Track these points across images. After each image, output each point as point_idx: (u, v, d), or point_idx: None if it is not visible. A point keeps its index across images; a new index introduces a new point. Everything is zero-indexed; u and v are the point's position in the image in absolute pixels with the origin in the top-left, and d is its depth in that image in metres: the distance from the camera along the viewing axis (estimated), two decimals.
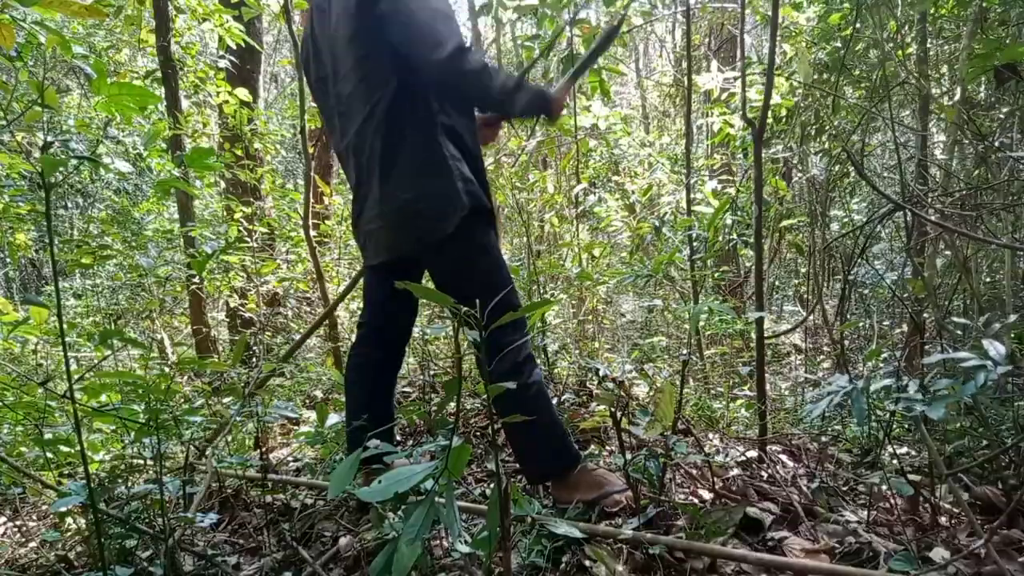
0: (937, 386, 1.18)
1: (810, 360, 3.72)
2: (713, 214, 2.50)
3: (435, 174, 1.67)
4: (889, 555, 1.34)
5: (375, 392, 1.95)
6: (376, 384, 1.96)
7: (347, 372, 1.96)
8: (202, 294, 4.10)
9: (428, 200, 1.67)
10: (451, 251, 1.70)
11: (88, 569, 1.65)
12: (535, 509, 1.55)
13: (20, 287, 8.61)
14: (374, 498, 0.98)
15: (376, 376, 1.96)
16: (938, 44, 3.64)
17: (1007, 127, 2.54)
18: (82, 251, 3.50)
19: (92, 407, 1.56)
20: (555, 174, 5.32)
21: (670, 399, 1.74)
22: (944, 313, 2.36)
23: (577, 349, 3.73)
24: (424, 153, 1.68)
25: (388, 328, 1.96)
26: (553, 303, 2.61)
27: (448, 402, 2.25)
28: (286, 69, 11.38)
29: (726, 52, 6.46)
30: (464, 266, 1.73)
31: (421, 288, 0.99)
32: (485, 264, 1.73)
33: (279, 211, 4.93)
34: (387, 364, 1.98)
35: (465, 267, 1.73)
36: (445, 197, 1.66)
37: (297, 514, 1.85)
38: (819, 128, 3.74)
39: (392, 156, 1.69)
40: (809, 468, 1.95)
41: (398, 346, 1.99)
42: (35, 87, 1.23)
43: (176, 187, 1.82)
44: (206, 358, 2.09)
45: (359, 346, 1.97)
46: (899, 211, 2.01)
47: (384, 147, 1.69)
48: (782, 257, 5.60)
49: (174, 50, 3.95)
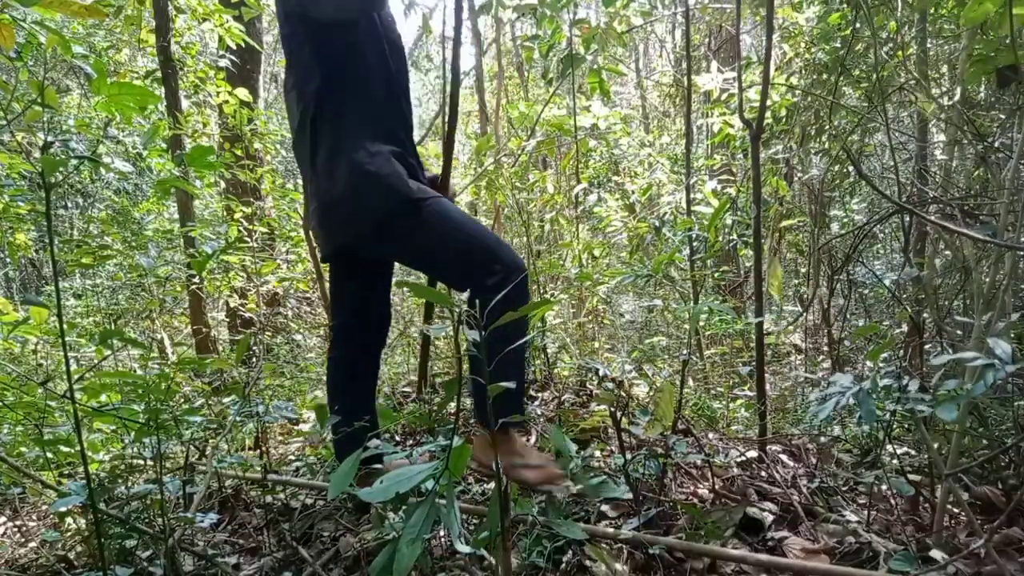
0: (944, 386, 1.18)
1: (810, 360, 3.72)
2: (713, 214, 2.50)
3: (353, 168, 1.65)
4: (889, 555, 1.34)
5: (356, 394, 1.91)
6: (355, 386, 1.91)
7: (327, 377, 1.93)
8: (202, 294, 4.09)
9: (352, 196, 1.67)
10: (389, 236, 1.68)
11: (88, 569, 1.65)
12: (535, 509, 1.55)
13: (20, 287, 8.61)
14: (375, 499, 0.98)
15: (354, 376, 1.91)
16: (938, 44, 3.64)
17: (1007, 127, 2.54)
18: (82, 251, 3.50)
19: (92, 407, 1.56)
20: (555, 174, 5.33)
21: (670, 399, 1.75)
22: (944, 313, 2.36)
23: (577, 349, 3.73)
24: (345, 145, 1.67)
25: (361, 324, 1.90)
26: (553, 303, 2.62)
27: (448, 402, 2.25)
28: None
29: (726, 52, 6.46)
30: (411, 246, 1.71)
31: (420, 288, 0.99)
32: (434, 237, 1.67)
33: (279, 211, 4.93)
34: (364, 363, 1.92)
35: (413, 246, 1.71)
36: (365, 194, 1.65)
37: (297, 514, 1.85)
38: (819, 128, 3.74)
39: (316, 150, 1.71)
40: (809, 468, 1.95)
41: (374, 342, 1.93)
42: (35, 87, 1.23)
43: (176, 187, 1.82)
44: (206, 358, 2.08)
45: (333, 349, 1.93)
46: (899, 213, 2.01)
47: (311, 143, 1.72)
48: (782, 257, 5.59)
49: (174, 50, 3.95)
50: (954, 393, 1.15)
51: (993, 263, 1.66)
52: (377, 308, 1.92)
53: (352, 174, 1.65)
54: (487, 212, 5.77)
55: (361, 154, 1.65)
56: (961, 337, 2.19)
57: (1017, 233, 1.39)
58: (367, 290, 1.89)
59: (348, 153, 1.66)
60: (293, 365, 4.25)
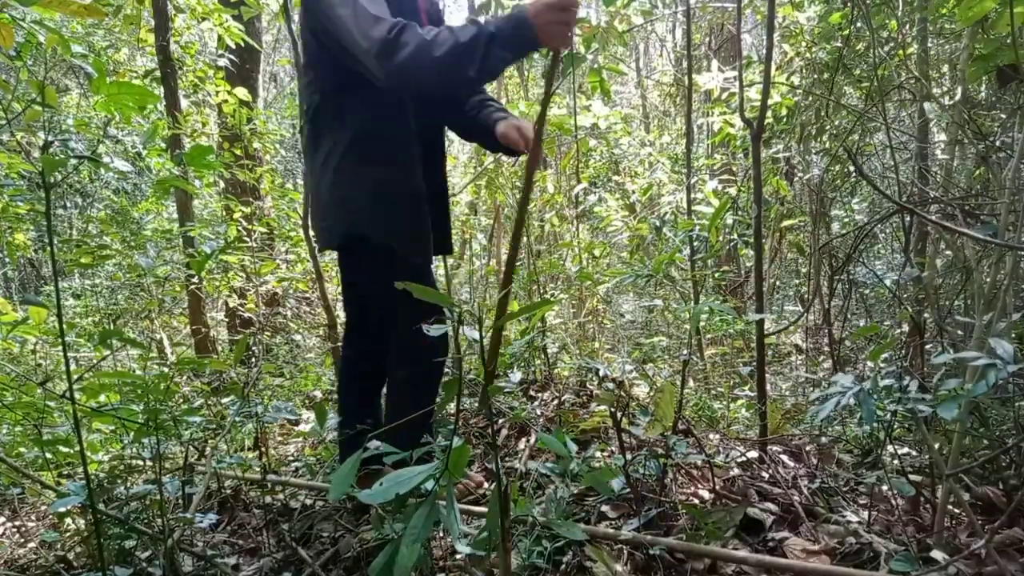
0: (945, 386, 1.18)
1: (811, 360, 3.72)
2: (713, 214, 2.49)
3: (335, 183, 1.65)
4: (890, 556, 1.33)
5: (355, 394, 1.91)
6: (355, 387, 1.92)
7: (338, 376, 1.93)
8: (201, 294, 4.09)
9: (332, 207, 1.68)
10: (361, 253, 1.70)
11: (87, 569, 1.64)
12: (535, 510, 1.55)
13: (19, 287, 8.61)
14: (375, 500, 0.97)
15: (354, 377, 1.92)
16: (939, 43, 3.64)
17: (1008, 127, 2.54)
18: (81, 251, 3.50)
19: (91, 407, 1.56)
20: (555, 174, 5.32)
21: (670, 399, 1.74)
22: (945, 313, 2.35)
23: (577, 349, 3.73)
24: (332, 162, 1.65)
25: (370, 320, 1.89)
26: (553, 303, 2.61)
27: (448, 402, 2.25)
28: (285, 69, 11.37)
29: (726, 52, 6.46)
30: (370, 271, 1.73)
31: (419, 288, 0.99)
32: (377, 279, 1.67)
33: (278, 211, 4.93)
34: (365, 364, 1.90)
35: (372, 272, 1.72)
36: (336, 212, 1.67)
37: (297, 515, 1.85)
38: (819, 128, 3.73)
39: (317, 148, 1.70)
40: (810, 469, 1.94)
41: (384, 339, 1.85)
42: (35, 86, 1.23)
43: (175, 186, 1.82)
44: (205, 358, 2.08)
45: (345, 347, 1.94)
46: (900, 212, 2.00)
47: (307, 147, 1.73)
48: (782, 257, 5.59)
49: (173, 49, 3.95)
50: (955, 392, 1.15)
51: (994, 263, 1.66)
52: (382, 300, 1.81)
53: (333, 188, 1.66)
54: (487, 211, 5.76)
55: (346, 173, 1.63)
56: (962, 337, 2.19)
57: (1018, 233, 1.39)
58: (368, 283, 1.84)
59: (338, 166, 1.64)
60: (292, 365, 4.25)
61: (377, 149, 1.64)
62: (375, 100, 1.60)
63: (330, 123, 1.66)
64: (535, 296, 3.80)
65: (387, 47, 1.34)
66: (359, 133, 1.62)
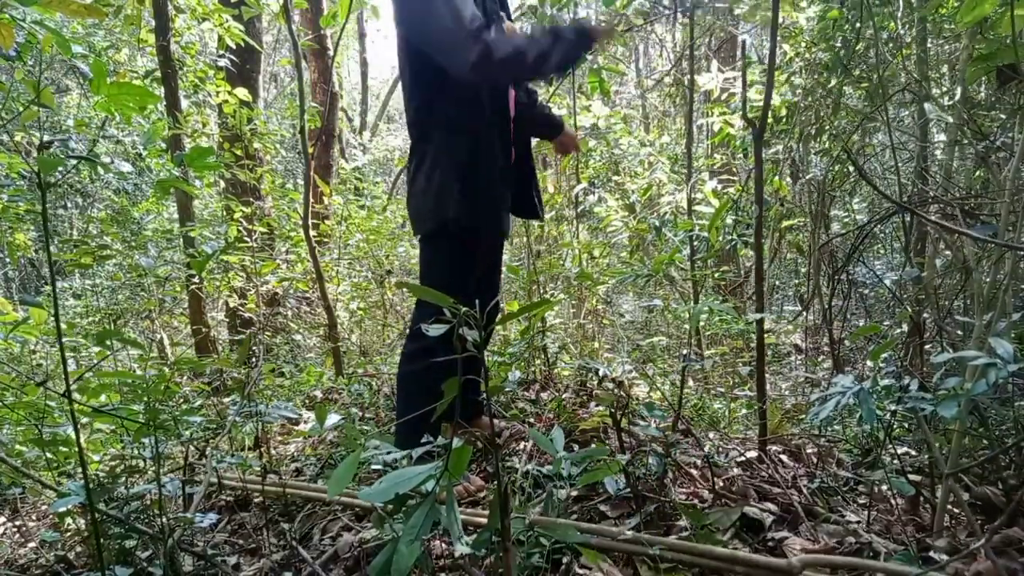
0: (945, 384, 1.18)
1: (810, 360, 3.72)
2: (714, 214, 2.49)
3: (426, 178, 1.85)
4: (889, 555, 1.33)
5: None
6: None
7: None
8: (201, 294, 4.09)
9: (416, 199, 1.89)
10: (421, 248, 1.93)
11: (87, 569, 1.64)
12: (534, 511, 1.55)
13: (19, 287, 8.61)
14: (375, 499, 0.97)
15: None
16: (938, 44, 3.64)
17: (1008, 127, 2.54)
18: (81, 251, 3.50)
19: (91, 407, 1.56)
20: (555, 174, 5.32)
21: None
22: (944, 313, 2.35)
23: (577, 349, 3.73)
24: (428, 157, 1.85)
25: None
26: (553, 303, 2.61)
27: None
28: (286, 69, 11.38)
29: (726, 51, 6.46)
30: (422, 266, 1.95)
31: (418, 288, 0.99)
32: (426, 278, 1.90)
33: (279, 211, 4.93)
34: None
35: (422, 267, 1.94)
36: (423, 206, 1.86)
37: (297, 514, 1.85)
38: (819, 128, 3.73)
39: (413, 148, 1.93)
40: (809, 468, 1.94)
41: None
42: (31, 87, 1.23)
43: (176, 187, 1.82)
44: (205, 358, 2.08)
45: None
46: (900, 212, 2.01)
47: (411, 136, 1.93)
48: (783, 257, 5.59)
49: (174, 50, 3.95)
50: (955, 391, 1.15)
51: (994, 263, 1.66)
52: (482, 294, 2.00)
53: (415, 186, 1.89)
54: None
55: (420, 180, 1.86)
56: (962, 337, 2.19)
57: (1017, 233, 1.39)
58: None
59: (425, 173, 1.86)
60: (292, 365, 4.25)
61: (461, 144, 1.84)
62: (458, 95, 1.80)
63: (425, 126, 1.88)
64: (535, 296, 3.80)
65: (477, 32, 1.58)
66: (447, 129, 1.83)
